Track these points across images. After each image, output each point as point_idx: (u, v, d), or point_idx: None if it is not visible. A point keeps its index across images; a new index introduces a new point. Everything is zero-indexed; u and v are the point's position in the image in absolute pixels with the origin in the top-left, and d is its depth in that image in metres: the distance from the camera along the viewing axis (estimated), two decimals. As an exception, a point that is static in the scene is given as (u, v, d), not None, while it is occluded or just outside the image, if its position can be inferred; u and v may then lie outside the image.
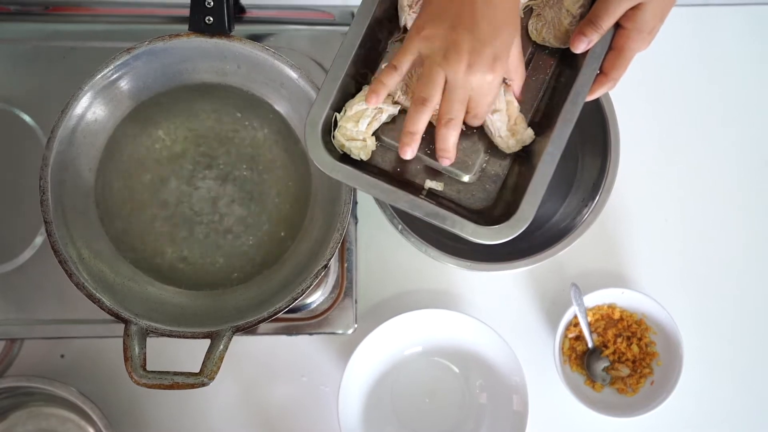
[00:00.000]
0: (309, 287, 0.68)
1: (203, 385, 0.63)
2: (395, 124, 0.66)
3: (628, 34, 0.62)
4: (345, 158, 0.65)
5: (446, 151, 0.62)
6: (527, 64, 0.68)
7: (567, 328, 0.88)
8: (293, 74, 0.72)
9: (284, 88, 0.74)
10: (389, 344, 0.86)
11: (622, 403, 0.87)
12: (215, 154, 0.77)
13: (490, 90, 0.60)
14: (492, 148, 0.67)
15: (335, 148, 0.65)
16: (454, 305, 0.89)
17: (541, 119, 0.67)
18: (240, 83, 0.76)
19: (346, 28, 0.87)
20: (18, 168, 0.84)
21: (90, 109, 0.71)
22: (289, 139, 0.77)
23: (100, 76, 0.70)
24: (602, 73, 0.64)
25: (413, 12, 0.66)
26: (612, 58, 0.64)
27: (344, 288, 0.84)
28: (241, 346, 0.87)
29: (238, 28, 0.88)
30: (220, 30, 0.70)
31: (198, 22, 0.70)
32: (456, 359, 0.88)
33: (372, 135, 0.65)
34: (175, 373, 0.63)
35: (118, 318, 0.66)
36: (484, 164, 0.67)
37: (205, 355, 0.65)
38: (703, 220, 0.93)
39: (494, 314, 0.88)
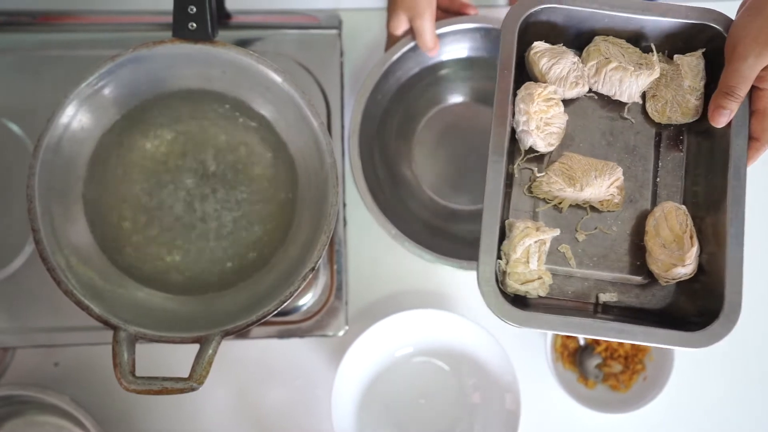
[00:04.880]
0: (297, 290, 0.68)
1: (192, 389, 0.63)
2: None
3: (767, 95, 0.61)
4: (516, 300, 0.64)
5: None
6: (656, 146, 0.68)
7: (558, 326, 0.88)
8: (278, 78, 0.72)
9: (270, 92, 0.74)
10: (381, 346, 0.86)
11: (615, 399, 0.87)
12: (202, 159, 0.77)
13: None
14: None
15: (508, 295, 0.63)
16: (444, 305, 0.89)
17: (699, 199, 0.67)
18: (225, 88, 0.76)
19: (332, 32, 0.89)
20: (7, 177, 0.85)
21: (76, 117, 0.71)
22: (275, 142, 0.77)
23: (84, 84, 0.70)
24: (754, 139, 0.63)
25: (540, 133, 0.66)
26: (758, 121, 0.62)
27: (334, 290, 0.84)
28: (234, 350, 0.87)
29: (225, 34, 0.89)
30: (203, 36, 0.70)
31: (181, 28, 0.70)
32: (448, 359, 0.88)
33: (545, 269, 0.64)
34: (164, 379, 0.63)
35: (107, 325, 0.67)
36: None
37: (194, 360, 0.65)
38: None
39: (485, 313, 0.87)
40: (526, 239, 0.63)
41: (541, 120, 0.66)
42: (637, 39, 0.69)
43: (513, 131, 0.67)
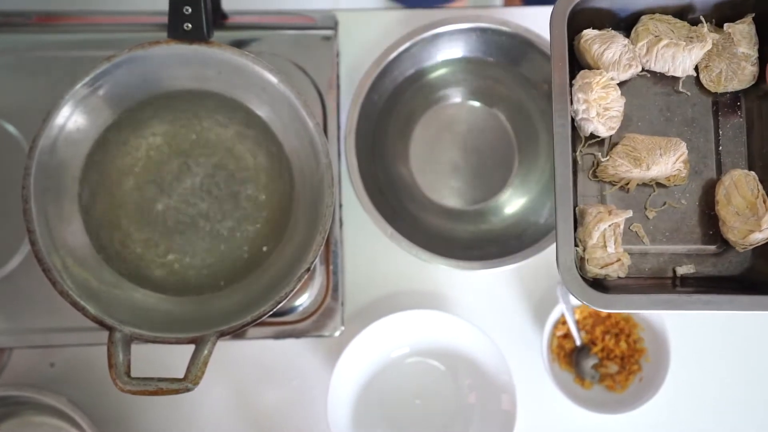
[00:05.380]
0: (292, 291, 0.68)
1: (187, 390, 0.63)
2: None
3: None
4: (594, 283, 0.64)
5: None
6: (715, 115, 0.68)
7: (555, 327, 0.88)
8: (273, 79, 0.72)
9: (265, 93, 0.74)
10: (377, 346, 0.86)
11: (612, 399, 0.87)
12: (198, 160, 0.77)
13: None
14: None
15: (587, 280, 0.64)
16: (441, 306, 0.89)
17: (766, 161, 0.67)
18: (221, 89, 0.76)
19: (328, 32, 0.89)
20: (3, 177, 0.85)
21: (71, 118, 0.71)
22: (270, 142, 0.77)
23: (80, 85, 0.70)
24: None
25: (600, 119, 0.66)
26: None
27: (330, 290, 0.84)
28: (230, 351, 0.87)
29: (222, 35, 0.88)
30: (198, 36, 0.70)
31: (176, 29, 0.70)
32: (444, 359, 0.88)
33: (622, 251, 0.64)
34: (159, 379, 0.63)
35: (102, 325, 0.67)
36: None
37: (190, 361, 0.65)
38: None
39: (482, 314, 0.89)
40: (600, 224, 0.63)
41: (600, 106, 0.66)
42: (683, 12, 0.69)
43: (572, 120, 0.67)
